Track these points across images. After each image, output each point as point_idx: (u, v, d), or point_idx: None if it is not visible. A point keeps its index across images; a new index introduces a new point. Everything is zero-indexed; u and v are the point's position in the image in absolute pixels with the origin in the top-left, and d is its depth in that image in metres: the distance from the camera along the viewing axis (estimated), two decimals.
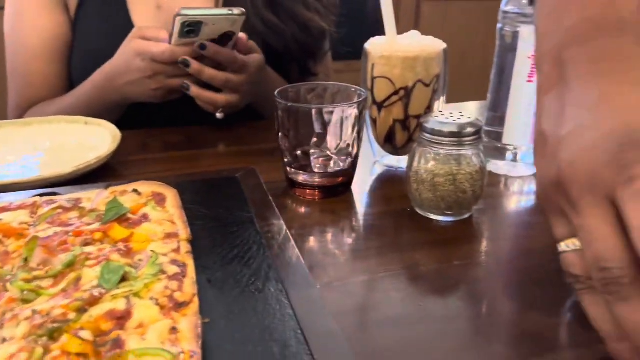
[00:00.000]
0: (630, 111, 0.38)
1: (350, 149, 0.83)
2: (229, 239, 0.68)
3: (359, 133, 0.83)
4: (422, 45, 0.89)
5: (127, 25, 1.16)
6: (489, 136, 0.93)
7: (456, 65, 1.40)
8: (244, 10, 0.97)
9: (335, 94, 0.88)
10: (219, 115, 1.10)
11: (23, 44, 1.22)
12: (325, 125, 0.80)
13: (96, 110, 1.12)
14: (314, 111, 0.79)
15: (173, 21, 0.95)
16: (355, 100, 0.82)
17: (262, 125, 1.24)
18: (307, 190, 0.84)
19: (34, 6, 1.20)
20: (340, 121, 0.79)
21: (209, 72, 1.03)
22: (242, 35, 1.05)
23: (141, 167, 0.99)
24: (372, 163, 0.99)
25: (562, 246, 0.45)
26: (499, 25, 0.89)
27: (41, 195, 0.73)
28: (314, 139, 0.81)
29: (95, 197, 0.71)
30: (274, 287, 0.58)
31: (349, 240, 0.74)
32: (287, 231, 0.69)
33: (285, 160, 0.85)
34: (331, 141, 0.81)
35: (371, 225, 0.79)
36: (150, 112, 1.14)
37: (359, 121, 0.82)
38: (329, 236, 0.76)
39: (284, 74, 1.30)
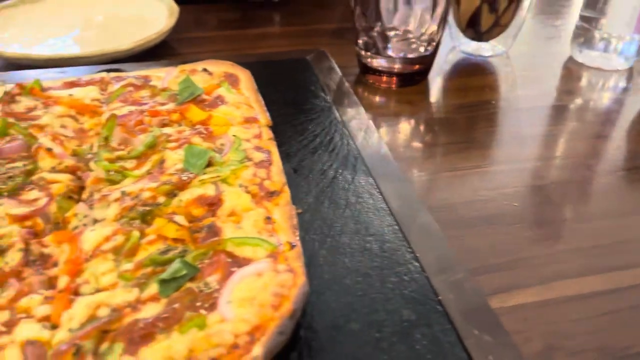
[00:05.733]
0: None
1: (436, 31, 0.74)
2: (309, 125, 0.64)
3: (446, 13, 0.74)
4: None
5: None
6: (584, 21, 0.83)
7: None
8: None
9: None
10: None
11: None
12: (411, 2, 0.71)
13: None
14: None
15: None
16: None
17: (319, 3, 1.14)
18: (384, 77, 0.78)
19: None
20: None
21: None
22: None
23: (197, 45, 0.92)
24: (449, 49, 0.91)
25: None
26: None
27: (108, 71, 0.69)
28: (396, 18, 0.73)
29: (165, 76, 0.66)
30: (364, 179, 0.55)
31: (430, 134, 0.69)
32: (371, 121, 0.65)
33: (360, 42, 0.77)
34: (416, 21, 0.73)
35: (451, 119, 0.73)
36: None
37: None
38: (409, 128, 0.71)
39: None
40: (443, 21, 0.74)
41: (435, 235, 0.48)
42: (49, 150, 0.52)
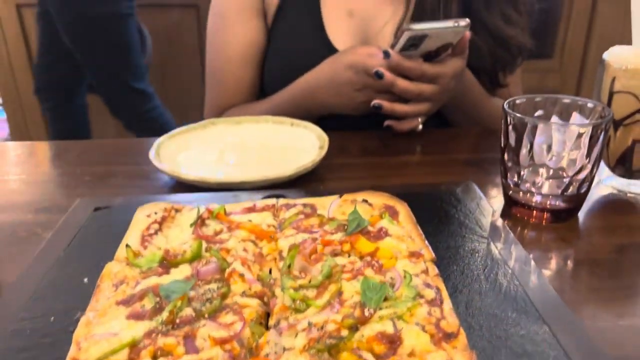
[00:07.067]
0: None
1: (590, 171, 0.75)
2: (470, 261, 0.65)
3: (602, 154, 0.75)
4: None
5: (319, 31, 1.17)
6: None
7: None
8: (469, 21, 0.92)
9: (568, 108, 0.81)
10: (420, 127, 1.09)
11: (222, 49, 1.25)
12: (564, 142, 0.73)
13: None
14: (555, 127, 0.73)
15: (398, 35, 0.94)
16: (603, 116, 0.74)
17: (453, 133, 1.20)
18: (534, 212, 0.78)
19: (234, 12, 1.23)
20: (586, 139, 0.72)
21: (402, 85, 1.00)
22: (467, 33, 0.97)
23: (341, 170, 0.99)
24: (595, 183, 0.90)
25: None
26: None
27: (276, 197, 0.76)
28: (549, 157, 0.74)
29: (330, 205, 0.72)
30: (539, 326, 0.54)
31: (594, 277, 0.67)
32: (533, 261, 0.65)
33: (509, 178, 0.79)
34: (572, 161, 0.74)
35: (613, 260, 0.71)
36: (345, 117, 1.14)
37: (604, 140, 0.74)
38: (569, 269, 0.69)
39: None
40: (598, 161, 0.75)
41: None
42: (242, 275, 0.57)
